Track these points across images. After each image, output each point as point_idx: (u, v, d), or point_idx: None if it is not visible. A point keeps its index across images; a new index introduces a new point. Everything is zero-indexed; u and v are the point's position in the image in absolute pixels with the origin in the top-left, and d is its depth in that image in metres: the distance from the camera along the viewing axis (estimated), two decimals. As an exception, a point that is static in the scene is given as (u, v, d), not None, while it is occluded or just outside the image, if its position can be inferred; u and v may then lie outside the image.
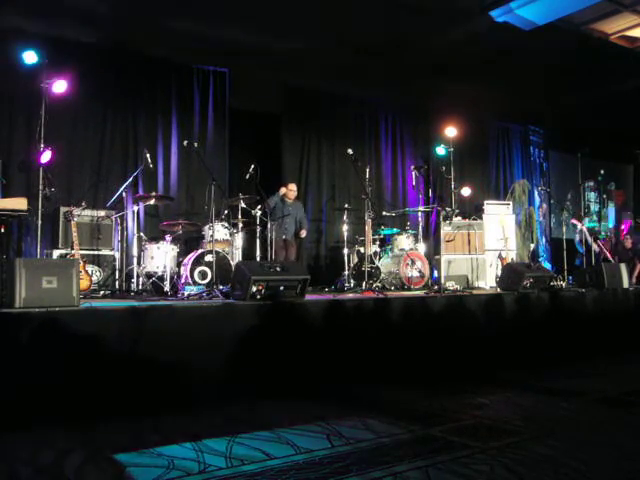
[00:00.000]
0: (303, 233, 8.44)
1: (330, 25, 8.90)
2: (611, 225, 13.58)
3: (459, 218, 9.19)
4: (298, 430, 3.55)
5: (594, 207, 13.83)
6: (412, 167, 10.16)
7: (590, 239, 10.05)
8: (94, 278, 6.66)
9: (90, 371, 3.72)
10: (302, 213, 8.54)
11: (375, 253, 8.25)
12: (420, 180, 10.46)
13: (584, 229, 10.20)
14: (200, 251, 6.87)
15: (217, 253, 6.56)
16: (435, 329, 5.42)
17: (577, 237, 10.67)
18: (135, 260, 6.92)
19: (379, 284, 7.38)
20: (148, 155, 7.07)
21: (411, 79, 10.62)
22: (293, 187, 8.45)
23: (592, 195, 13.90)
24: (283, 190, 8.33)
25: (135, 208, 7.16)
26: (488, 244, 9.32)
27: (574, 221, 10.59)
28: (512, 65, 10.30)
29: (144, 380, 3.90)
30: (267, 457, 3.06)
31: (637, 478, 2.87)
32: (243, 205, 7.42)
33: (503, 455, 3.07)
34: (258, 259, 7.39)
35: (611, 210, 14.37)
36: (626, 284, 7.60)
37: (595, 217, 13.38)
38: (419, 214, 9.37)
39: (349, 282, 7.66)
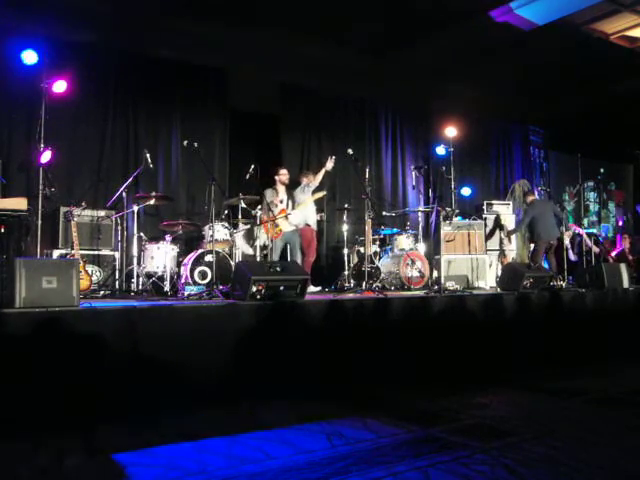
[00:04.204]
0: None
1: (330, 25, 8.90)
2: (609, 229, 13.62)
3: (459, 218, 9.19)
4: (298, 430, 3.55)
5: (594, 207, 13.84)
6: (412, 167, 10.16)
7: (590, 243, 10.05)
8: (94, 278, 6.66)
9: (90, 371, 3.72)
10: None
11: (375, 253, 8.24)
12: (420, 180, 10.46)
13: (584, 234, 10.20)
14: (200, 251, 6.87)
15: (217, 253, 6.56)
16: (435, 329, 5.42)
17: (568, 241, 10.61)
18: (135, 260, 6.91)
19: (379, 284, 7.38)
20: (148, 155, 7.06)
21: (411, 79, 10.63)
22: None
23: (591, 195, 13.90)
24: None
25: (135, 208, 7.15)
26: (488, 244, 9.33)
27: (573, 226, 10.57)
28: (512, 65, 10.31)
29: (144, 380, 3.90)
30: (267, 457, 3.06)
31: (637, 478, 2.87)
32: (243, 205, 7.42)
33: (503, 455, 3.07)
34: (258, 259, 7.39)
35: (612, 209, 14.38)
36: (626, 284, 7.60)
37: (595, 218, 13.38)
38: (419, 214, 9.37)
39: (349, 282, 7.66)
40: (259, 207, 7.55)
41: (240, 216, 7.42)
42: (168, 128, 8.42)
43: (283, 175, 7.80)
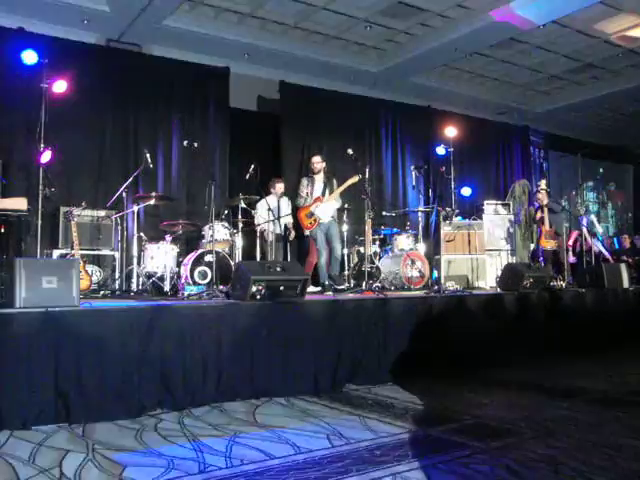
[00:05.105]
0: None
1: (330, 25, 8.92)
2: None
3: (459, 218, 9.19)
4: (298, 430, 3.55)
5: (593, 207, 13.84)
6: (412, 167, 10.15)
7: (590, 242, 10.04)
8: (94, 278, 6.66)
9: (90, 371, 3.72)
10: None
11: (375, 253, 8.23)
12: (420, 180, 10.46)
13: (584, 231, 10.19)
14: (200, 251, 6.87)
15: (217, 253, 6.56)
16: (435, 329, 5.42)
17: (571, 242, 10.57)
18: (135, 260, 6.91)
19: (379, 284, 7.37)
20: (148, 155, 7.05)
21: (411, 79, 10.64)
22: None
23: (591, 195, 13.91)
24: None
25: (135, 208, 7.15)
26: (488, 244, 9.32)
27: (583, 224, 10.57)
28: (512, 65, 10.32)
29: (144, 380, 3.90)
30: (267, 457, 3.06)
31: (637, 478, 2.87)
32: (243, 205, 7.42)
33: (503, 455, 3.07)
34: (258, 259, 7.39)
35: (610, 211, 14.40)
36: (626, 284, 7.60)
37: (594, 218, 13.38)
38: (419, 214, 9.37)
39: (349, 282, 7.65)
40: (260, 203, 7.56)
41: (240, 216, 7.42)
42: (168, 128, 8.42)
43: (317, 163, 7.56)
